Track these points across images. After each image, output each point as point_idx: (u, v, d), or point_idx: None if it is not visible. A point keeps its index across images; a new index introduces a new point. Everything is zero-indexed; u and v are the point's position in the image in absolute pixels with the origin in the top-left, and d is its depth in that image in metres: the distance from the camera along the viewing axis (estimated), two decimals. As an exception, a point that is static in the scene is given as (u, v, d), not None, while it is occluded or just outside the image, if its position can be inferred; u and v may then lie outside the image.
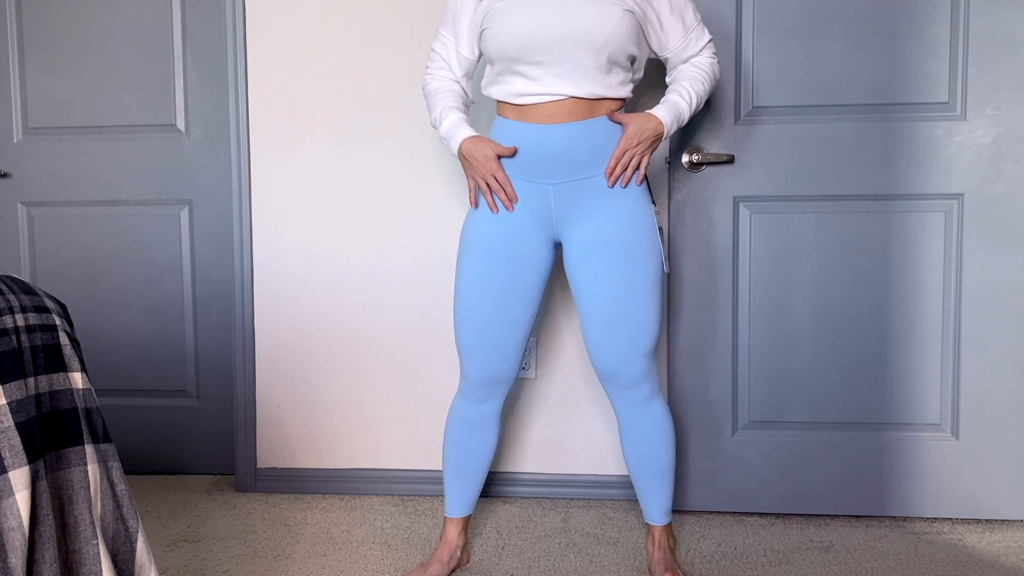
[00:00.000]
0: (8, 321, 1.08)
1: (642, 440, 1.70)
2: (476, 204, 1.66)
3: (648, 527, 1.78)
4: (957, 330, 2.03)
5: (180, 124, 2.41)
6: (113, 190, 2.44)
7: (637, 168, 1.62)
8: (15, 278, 1.19)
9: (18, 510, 1.00)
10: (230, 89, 2.26)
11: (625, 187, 1.61)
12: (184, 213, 2.43)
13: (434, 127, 1.72)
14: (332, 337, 2.29)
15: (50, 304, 1.19)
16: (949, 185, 2.00)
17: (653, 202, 1.66)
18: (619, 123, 1.60)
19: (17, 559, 0.99)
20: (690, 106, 1.66)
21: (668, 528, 1.77)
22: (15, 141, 2.46)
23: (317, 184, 2.26)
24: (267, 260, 2.29)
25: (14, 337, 1.08)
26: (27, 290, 1.17)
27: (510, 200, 1.62)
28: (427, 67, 1.75)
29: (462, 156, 1.64)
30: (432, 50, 1.73)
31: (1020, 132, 1.98)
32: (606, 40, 1.53)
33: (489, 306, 1.65)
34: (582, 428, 2.25)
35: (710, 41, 1.71)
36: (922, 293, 2.03)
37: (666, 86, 1.79)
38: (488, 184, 1.62)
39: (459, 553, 1.78)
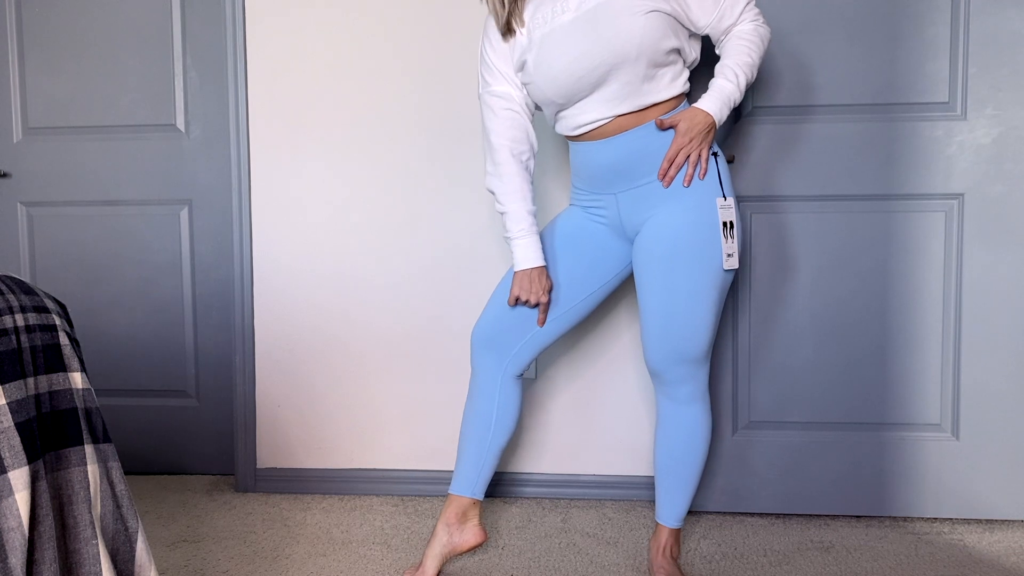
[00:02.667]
0: (8, 321, 1.08)
1: (673, 438, 1.69)
2: (513, 304, 1.70)
3: (656, 526, 1.77)
4: (957, 330, 2.03)
5: (180, 124, 2.41)
6: (113, 190, 2.44)
7: (697, 164, 1.58)
8: (15, 278, 1.19)
9: (18, 510, 1.00)
10: (230, 89, 2.26)
11: (688, 185, 1.58)
12: (184, 213, 2.43)
13: (496, 205, 1.72)
14: (332, 337, 2.29)
15: (50, 304, 1.19)
16: (949, 185, 2.00)
17: (724, 194, 1.60)
18: (670, 127, 1.58)
19: (17, 559, 0.99)
20: (738, 85, 1.59)
21: (676, 534, 1.76)
22: (15, 141, 2.46)
23: (317, 184, 2.26)
24: (267, 260, 2.29)
25: (14, 337, 1.08)
26: (27, 290, 1.17)
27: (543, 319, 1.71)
28: (494, 127, 1.67)
29: (522, 276, 1.67)
30: (492, 108, 1.67)
31: (1020, 132, 1.98)
32: (638, 52, 1.51)
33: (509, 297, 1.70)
34: (582, 428, 2.25)
35: (748, 4, 1.61)
36: (922, 293, 2.03)
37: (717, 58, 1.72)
38: (531, 302, 1.69)
39: (452, 539, 1.73)
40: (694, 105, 1.59)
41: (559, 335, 1.75)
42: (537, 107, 1.71)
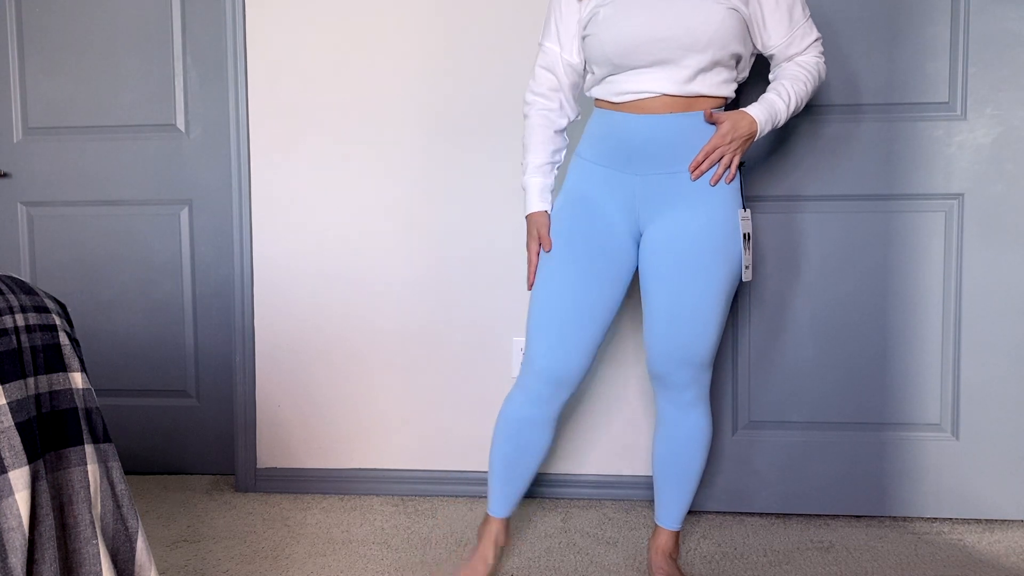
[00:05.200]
0: (8, 321, 1.08)
1: (674, 442, 1.68)
2: (531, 282, 1.66)
3: (655, 528, 1.76)
4: (957, 330, 2.03)
5: (180, 124, 2.41)
6: (113, 190, 2.44)
7: (728, 167, 1.57)
8: (15, 278, 1.19)
9: (18, 510, 1.00)
10: (230, 89, 2.26)
11: (714, 185, 1.56)
12: (184, 213, 2.43)
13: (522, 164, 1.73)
14: (332, 337, 2.29)
15: (50, 304, 1.19)
16: (949, 185, 2.00)
17: (744, 206, 1.61)
18: (714, 123, 1.56)
19: (17, 559, 0.99)
20: (788, 106, 1.60)
21: (676, 535, 1.75)
22: (15, 141, 2.46)
23: (317, 184, 2.26)
24: (267, 260, 2.29)
25: (14, 337, 1.08)
26: (27, 290, 1.17)
27: (539, 250, 1.66)
28: (531, 86, 1.70)
29: (527, 220, 1.68)
30: (537, 66, 1.69)
31: (1020, 132, 1.98)
32: (709, 40, 1.50)
33: (570, 294, 1.59)
34: (583, 429, 2.25)
35: (818, 39, 1.64)
36: (922, 293, 2.03)
37: (768, 83, 1.72)
38: (533, 242, 1.66)
39: (499, 556, 1.74)
40: (743, 109, 1.57)
41: (596, 347, 1.70)
42: (587, 70, 1.66)
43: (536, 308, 1.62)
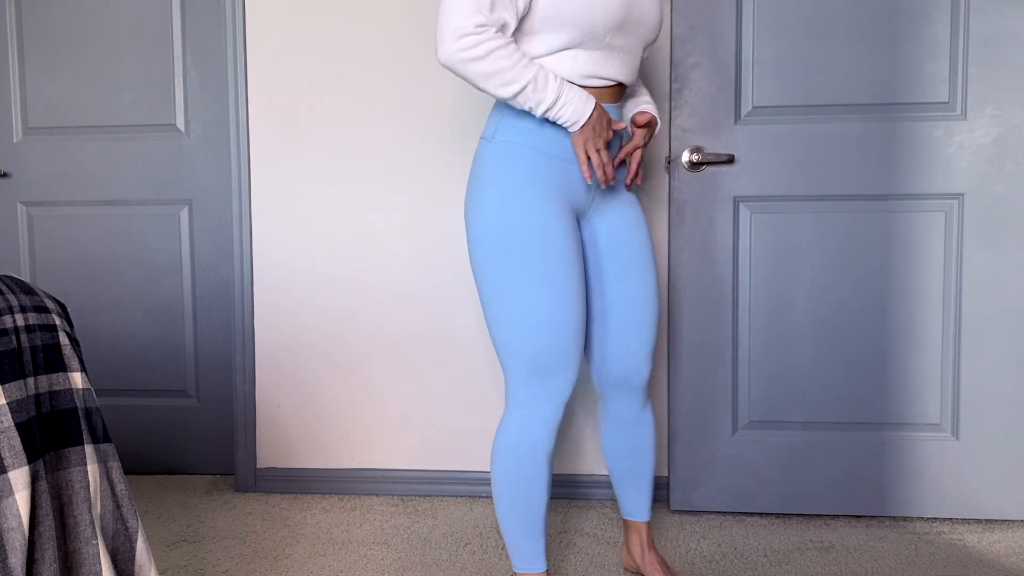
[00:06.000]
0: (8, 321, 1.08)
1: (637, 440, 1.66)
2: (590, 179, 1.43)
3: (631, 524, 1.70)
4: (957, 330, 2.03)
5: (180, 124, 2.41)
6: (113, 190, 2.44)
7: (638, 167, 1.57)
8: (15, 278, 1.19)
9: (18, 510, 1.00)
10: (230, 89, 2.26)
11: (629, 186, 1.57)
12: (184, 213, 2.43)
13: (509, 96, 1.36)
14: (332, 337, 2.29)
15: (50, 304, 1.19)
16: (949, 185, 2.00)
17: None
18: (637, 124, 1.53)
19: (17, 559, 0.99)
20: None
21: (650, 524, 1.73)
22: (15, 141, 2.46)
23: (317, 184, 2.26)
24: (267, 260, 2.29)
25: (14, 337, 1.08)
26: (27, 290, 1.17)
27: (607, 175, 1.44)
28: (477, 23, 1.31)
29: (590, 125, 1.39)
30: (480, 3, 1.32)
31: (1020, 132, 1.98)
32: (659, 33, 1.53)
33: (573, 305, 1.43)
34: (581, 428, 2.25)
35: None
36: (922, 293, 2.03)
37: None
38: (598, 156, 1.42)
39: None
40: (648, 111, 1.58)
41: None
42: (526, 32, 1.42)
43: (548, 333, 1.41)
